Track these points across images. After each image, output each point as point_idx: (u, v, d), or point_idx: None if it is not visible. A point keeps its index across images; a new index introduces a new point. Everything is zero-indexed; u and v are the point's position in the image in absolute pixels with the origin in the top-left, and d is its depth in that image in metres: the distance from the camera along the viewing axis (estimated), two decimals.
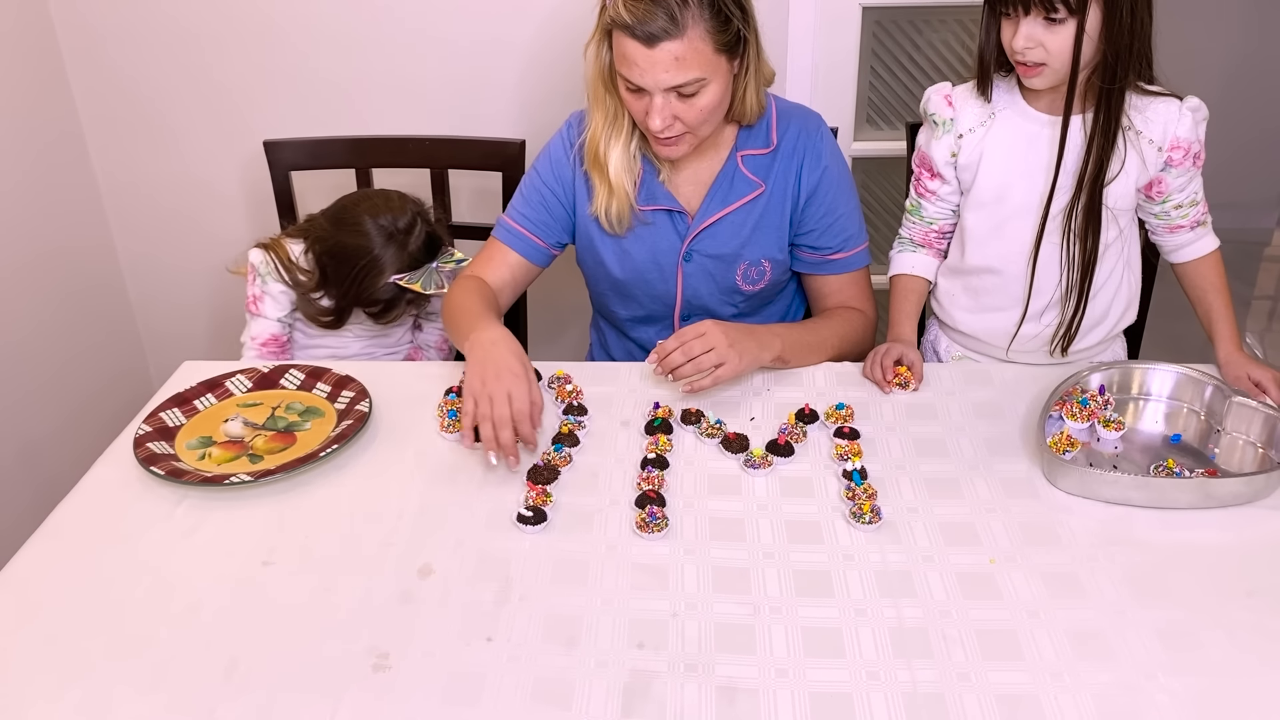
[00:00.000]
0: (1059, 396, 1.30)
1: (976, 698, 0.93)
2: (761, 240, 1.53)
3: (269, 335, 1.68)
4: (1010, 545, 1.12)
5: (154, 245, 2.22)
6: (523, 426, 1.25)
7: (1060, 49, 1.30)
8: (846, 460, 1.24)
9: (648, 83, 1.35)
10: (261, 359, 1.64)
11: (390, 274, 1.60)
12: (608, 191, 1.49)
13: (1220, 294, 1.46)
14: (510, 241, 1.58)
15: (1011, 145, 1.43)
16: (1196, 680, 0.94)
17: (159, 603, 1.08)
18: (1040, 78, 1.34)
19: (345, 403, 1.38)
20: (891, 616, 1.03)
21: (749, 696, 0.94)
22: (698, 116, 1.39)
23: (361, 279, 1.61)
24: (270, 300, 1.67)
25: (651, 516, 1.14)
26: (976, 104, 1.44)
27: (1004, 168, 1.43)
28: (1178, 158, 1.38)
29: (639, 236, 1.54)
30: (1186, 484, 1.17)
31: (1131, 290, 1.51)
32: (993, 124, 1.43)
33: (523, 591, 1.07)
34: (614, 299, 1.63)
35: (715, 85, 1.38)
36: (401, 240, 1.61)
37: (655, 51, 1.32)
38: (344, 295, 1.64)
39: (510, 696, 0.95)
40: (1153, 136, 1.37)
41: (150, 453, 1.27)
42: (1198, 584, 1.06)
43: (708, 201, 1.52)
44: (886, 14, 2.02)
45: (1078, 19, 1.28)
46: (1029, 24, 1.30)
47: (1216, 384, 1.28)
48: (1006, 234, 1.45)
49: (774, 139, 1.51)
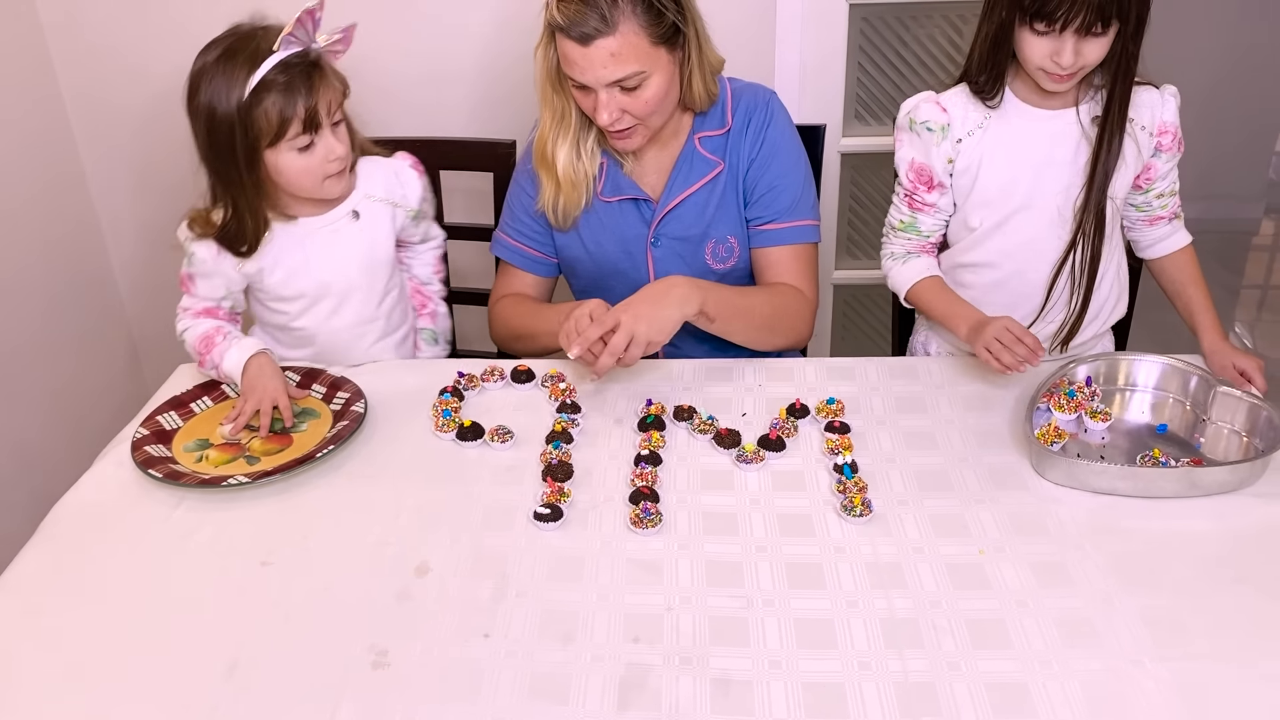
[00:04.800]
0: (1046, 388, 1.32)
1: (967, 686, 0.95)
2: (725, 218, 1.55)
3: (201, 307, 1.50)
4: (999, 536, 1.14)
5: (146, 248, 2.22)
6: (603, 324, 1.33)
7: (1098, 56, 1.32)
8: (837, 454, 1.26)
9: (589, 80, 1.39)
10: (196, 319, 1.49)
11: (246, 80, 1.36)
12: (554, 188, 1.52)
13: (1199, 286, 1.48)
14: (513, 260, 1.64)
15: (1011, 143, 1.43)
16: (1183, 666, 0.96)
17: (159, 604, 1.09)
18: (1065, 84, 1.35)
19: (340, 404, 1.40)
20: (883, 607, 1.04)
21: (743, 688, 0.96)
22: (645, 108, 1.42)
23: (235, 121, 1.36)
24: (204, 281, 1.48)
25: (646, 512, 1.16)
26: (972, 106, 1.45)
27: (1007, 165, 1.44)
28: (1166, 142, 1.42)
29: (607, 228, 1.57)
30: (1172, 473, 1.19)
31: (1123, 283, 1.53)
32: (990, 124, 1.44)
33: (519, 588, 1.09)
34: (592, 291, 1.63)
35: (658, 77, 1.40)
36: (231, 53, 1.38)
37: (591, 50, 1.36)
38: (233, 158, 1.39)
39: (508, 691, 0.97)
40: (1144, 123, 1.41)
41: (148, 455, 1.28)
42: (1184, 572, 1.08)
43: (670, 185, 1.55)
44: (874, 10, 2.03)
45: (1119, 26, 1.29)
46: (1069, 39, 1.30)
47: (1201, 374, 1.30)
48: (1008, 231, 1.46)
49: (729, 119, 1.54)
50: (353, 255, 1.53)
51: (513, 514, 1.20)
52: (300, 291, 1.52)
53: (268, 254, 1.48)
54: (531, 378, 1.45)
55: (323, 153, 1.42)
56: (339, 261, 1.52)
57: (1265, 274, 3.60)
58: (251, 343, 1.42)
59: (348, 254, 1.53)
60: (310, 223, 1.50)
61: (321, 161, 1.43)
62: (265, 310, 1.56)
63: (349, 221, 1.52)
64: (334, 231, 1.51)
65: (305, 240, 1.50)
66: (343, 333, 1.56)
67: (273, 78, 1.36)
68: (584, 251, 1.59)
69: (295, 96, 1.37)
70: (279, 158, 1.41)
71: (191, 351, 1.47)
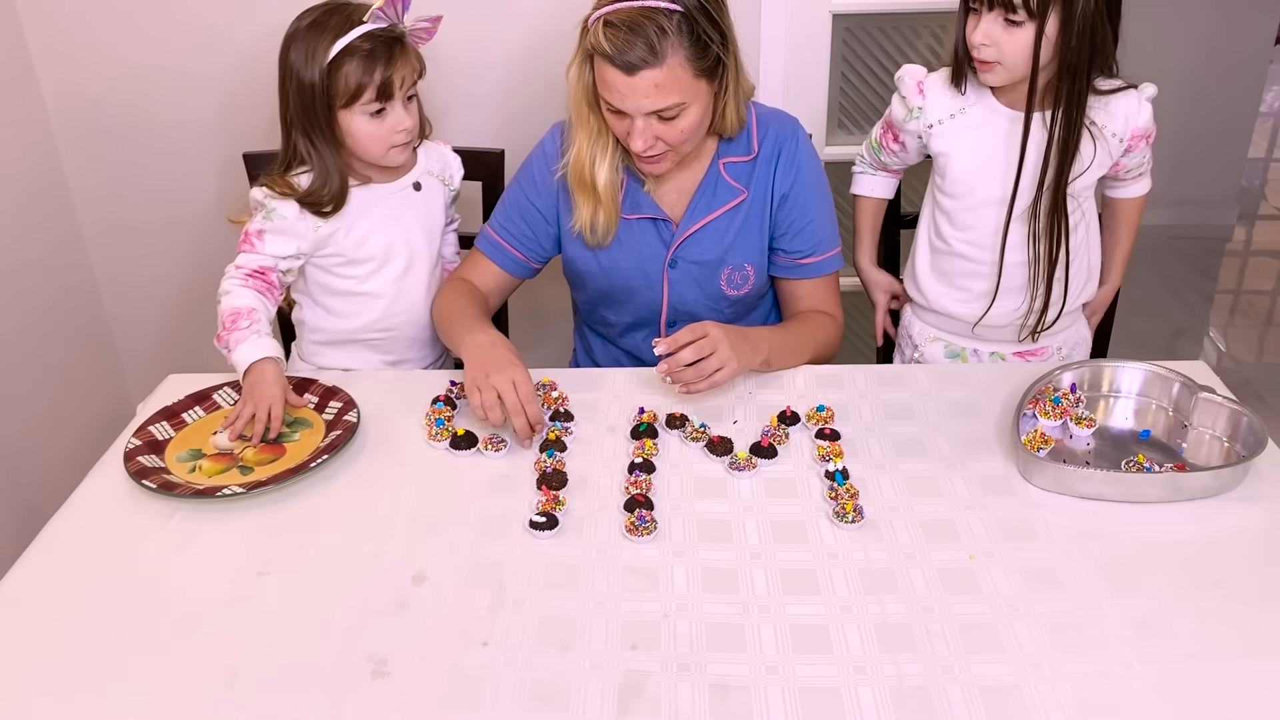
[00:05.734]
0: (1032, 395, 1.34)
1: (960, 689, 0.96)
2: (744, 245, 1.56)
3: (257, 266, 1.53)
4: (989, 541, 1.15)
5: (130, 259, 2.21)
6: (531, 407, 1.32)
7: (1015, 50, 1.36)
8: (828, 461, 1.27)
9: (628, 107, 1.38)
10: (244, 284, 1.51)
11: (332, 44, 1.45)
12: (593, 206, 1.52)
13: (1128, 234, 1.61)
14: (492, 254, 1.62)
15: (979, 140, 1.48)
16: (1170, 667, 0.98)
17: (156, 616, 1.09)
18: (993, 74, 1.40)
19: (333, 414, 1.40)
20: (876, 612, 1.06)
21: (741, 694, 0.97)
22: (679, 137, 1.42)
23: (321, 78, 1.46)
24: (277, 238, 1.53)
25: (641, 520, 1.17)
26: (947, 95, 1.50)
27: (973, 161, 1.48)
28: (1136, 144, 1.47)
29: (624, 245, 1.56)
30: (1156, 479, 1.21)
31: (1092, 266, 1.58)
32: (962, 118, 1.48)
33: (516, 596, 1.10)
34: (601, 307, 1.65)
35: (696, 108, 1.41)
36: (323, 21, 1.48)
37: (635, 79, 1.35)
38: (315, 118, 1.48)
39: (508, 699, 0.97)
40: (1115, 130, 1.45)
41: (141, 466, 1.28)
42: (1169, 574, 1.10)
43: (691, 209, 1.54)
44: (856, 21, 2.05)
45: (1037, 23, 1.33)
46: (989, 21, 1.36)
47: (1183, 381, 1.32)
48: (974, 223, 1.52)
49: (755, 146, 1.54)
50: (417, 222, 1.63)
51: (508, 523, 1.20)
52: (371, 254, 1.59)
53: (342, 217, 1.56)
54: None
55: (392, 122, 1.51)
56: (406, 226, 1.61)
57: (1238, 280, 3.65)
58: (267, 345, 1.44)
59: (413, 220, 1.62)
60: (381, 189, 1.60)
61: (390, 130, 1.52)
62: (330, 278, 1.61)
63: (412, 191, 1.63)
64: (402, 199, 1.61)
65: (377, 205, 1.59)
66: (408, 295, 1.63)
67: (357, 45, 1.46)
68: (597, 266, 1.58)
69: (375, 65, 1.47)
70: (352, 119, 1.50)
71: (219, 317, 1.50)
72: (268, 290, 1.53)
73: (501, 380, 1.32)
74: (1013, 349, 1.61)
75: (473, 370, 1.35)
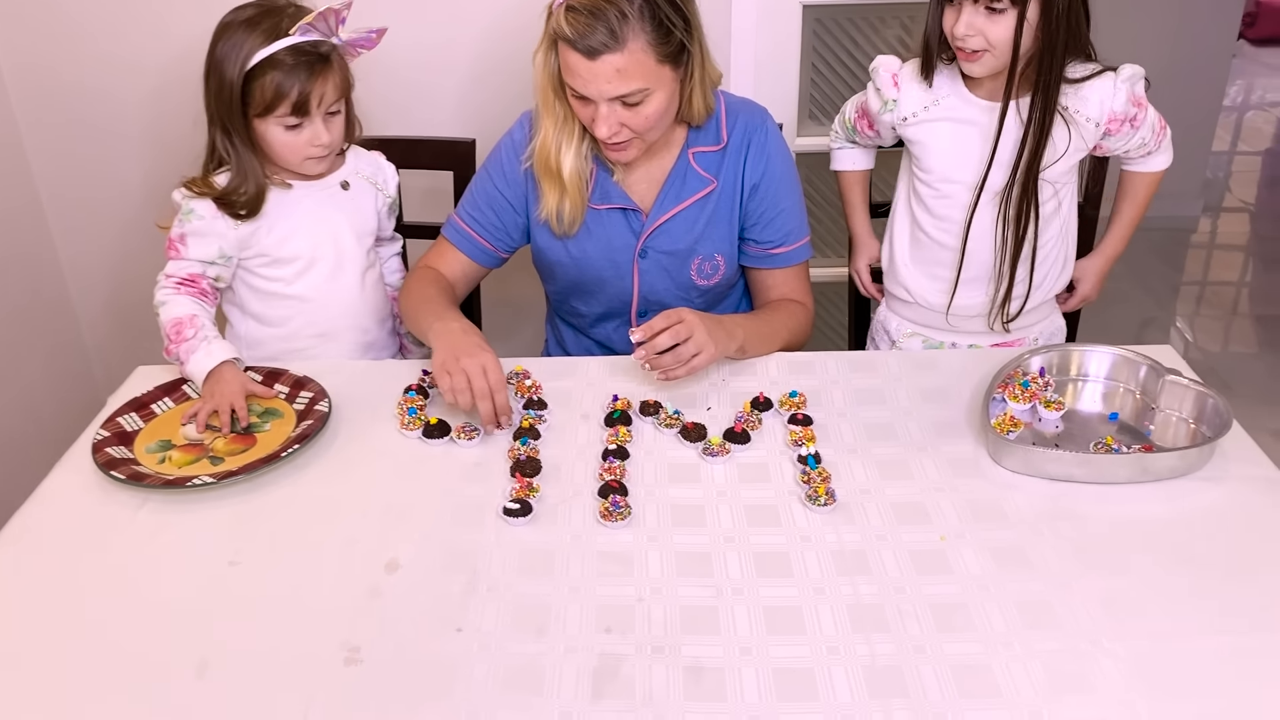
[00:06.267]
0: (1001, 379, 1.35)
1: (933, 668, 0.97)
2: (714, 235, 1.56)
3: (186, 274, 1.49)
4: (959, 522, 1.16)
5: (98, 251, 2.19)
6: (500, 395, 1.31)
7: (1000, 38, 1.36)
8: (801, 446, 1.28)
9: (591, 93, 1.38)
10: (176, 293, 1.47)
11: (255, 51, 1.42)
12: (559, 194, 1.51)
13: (1133, 204, 1.60)
14: (458, 243, 1.61)
15: (954, 132, 1.49)
16: (1138, 644, 0.99)
17: (127, 606, 1.08)
18: (979, 64, 1.40)
19: (304, 403, 1.39)
20: (849, 594, 1.07)
21: (715, 675, 0.97)
22: (644, 124, 1.41)
23: (239, 82, 1.43)
24: (197, 240, 1.48)
25: (615, 505, 1.17)
26: (920, 88, 1.50)
27: (948, 152, 1.49)
28: (1115, 128, 1.47)
29: (594, 235, 1.56)
30: (1125, 459, 1.22)
31: (1067, 255, 1.59)
32: (936, 110, 1.49)
33: (490, 583, 1.09)
34: (571, 297, 1.65)
35: (660, 94, 1.40)
36: (255, 21, 1.44)
37: (596, 64, 1.35)
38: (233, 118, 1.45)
39: (482, 685, 0.97)
40: (1089, 114, 1.44)
41: (110, 457, 1.27)
42: (1137, 554, 1.11)
43: (661, 199, 1.54)
44: (826, 12, 2.06)
45: (1019, 9, 1.33)
46: (971, 12, 1.36)
47: (1150, 364, 1.34)
48: (948, 212, 1.53)
49: (724, 136, 1.54)
50: (345, 221, 1.59)
51: (482, 510, 1.20)
52: (296, 253, 1.55)
53: (264, 214, 1.52)
54: None
55: (308, 136, 1.49)
56: (334, 225, 1.57)
57: (1203, 270, 3.70)
58: (220, 349, 1.41)
59: (341, 219, 1.58)
60: (304, 188, 1.56)
61: (306, 144, 1.49)
62: (259, 280, 1.56)
63: (339, 191, 1.59)
64: (328, 197, 1.57)
65: (300, 204, 1.55)
66: (340, 299, 1.59)
67: (281, 58, 1.43)
68: (566, 256, 1.58)
69: (294, 80, 1.44)
70: (266, 128, 1.47)
71: (162, 331, 1.46)
72: (201, 296, 1.49)
73: (471, 365, 1.31)
74: (989, 340, 1.62)
75: (442, 354, 1.34)
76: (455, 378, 1.31)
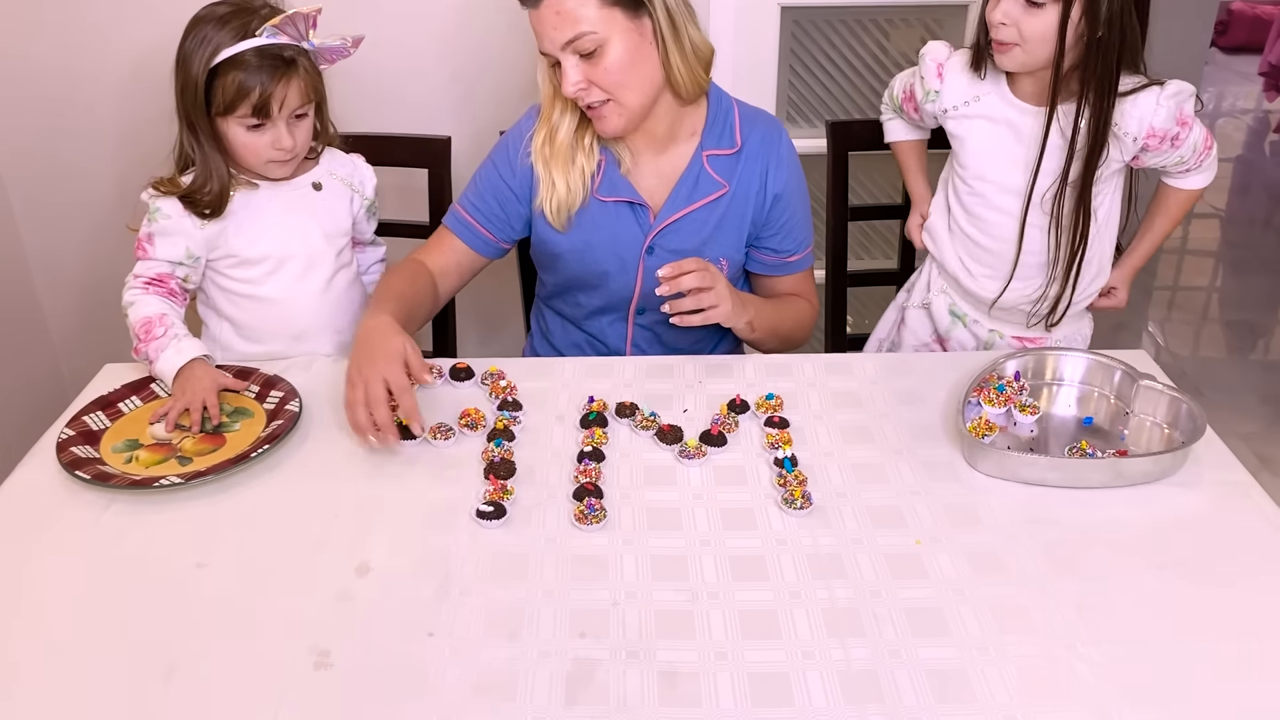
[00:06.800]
0: (977, 383, 1.35)
1: (908, 672, 0.97)
2: (722, 239, 1.56)
3: (154, 274, 1.47)
4: (935, 526, 1.16)
5: (66, 250, 2.16)
6: (404, 398, 1.26)
7: (1035, 34, 1.33)
8: (777, 449, 1.27)
9: (547, 46, 1.39)
10: (145, 293, 1.45)
11: (221, 48, 1.40)
12: (551, 186, 1.52)
13: (1165, 219, 1.55)
14: (459, 231, 1.59)
15: (994, 132, 1.47)
16: (1113, 649, 1.00)
17: (92, 609, 1.06)
18: (1009, 58, 1.37)
19: (275, 403, 1.37)
20: (824, 598, 1.06)
21: (690, 680, 0.96)
22: (609, 78, 1.39)
23: (203, 78, 1.40)
24: (164, 240, 1.47)
25: (590, 508, 1.16)
26: (965, 79, 1.48)
27: (987, 151, 1.47)
28: (1153, 144, 1.42)
29: (599, 228, 1.55)
30: (1099, 464, 1.23)
31: (1105, 260, 1.57)
32: (977, 105, 1.46)
33: (463, 586, 1.08)
34: (571, 290, 1.63)
35: (618, 43, 1.38)
36: (226, 19, 1.42)
37: (540, 11, 1.36)
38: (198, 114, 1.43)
39: (454, 689, 0.96)
40: (1128, 129, 1.40)
41: (75, 457, 1.25)
42: (1111, 558, 1.11)
43: (672, 198, 1.54)
44: (805, 14, 2.06)
45: (1061, 6, 1.30)
46: (1010, 1, 1.32)
47: (1125, 369, 1.34)
48: (986, 211, 1.51)
49: (738, 140, 1.54)
50: (315, 222, 1.56)
51: (455, 512, 1.19)
52: (264, 254, 1.52)
53: (231, 214, 1.50)
54: (471, 375, 1.44)
55: (269, 139, 1.46)
56: (303, 225, 1.55)
57: (1175, 276, 3.73)
58: (191, 347, 1.39)
59: (311, 219, 1.55)
60: (273, 188, 1.53)
61: (267, 147, 1.46)
62: (229, 281, 1.53)
63: (310, 191, 1.56)
64: (299, 197, 1.55)
65: (269, 204, 1.52)
66: (309, 300, 1.56)
67: (246, 58, 1.40)
68: (570, 247, 1.56)
69: (255, 81, 1.41)
70: (229, 127, 1.45)
71: (131, 330, 1.44)
72: (170, 296, 1.47)
73: (372, 374, 1.26)
74: (1014, 331, 1.60)
75: (356, 359, 1.30)
76: (353, 390, 1.27)
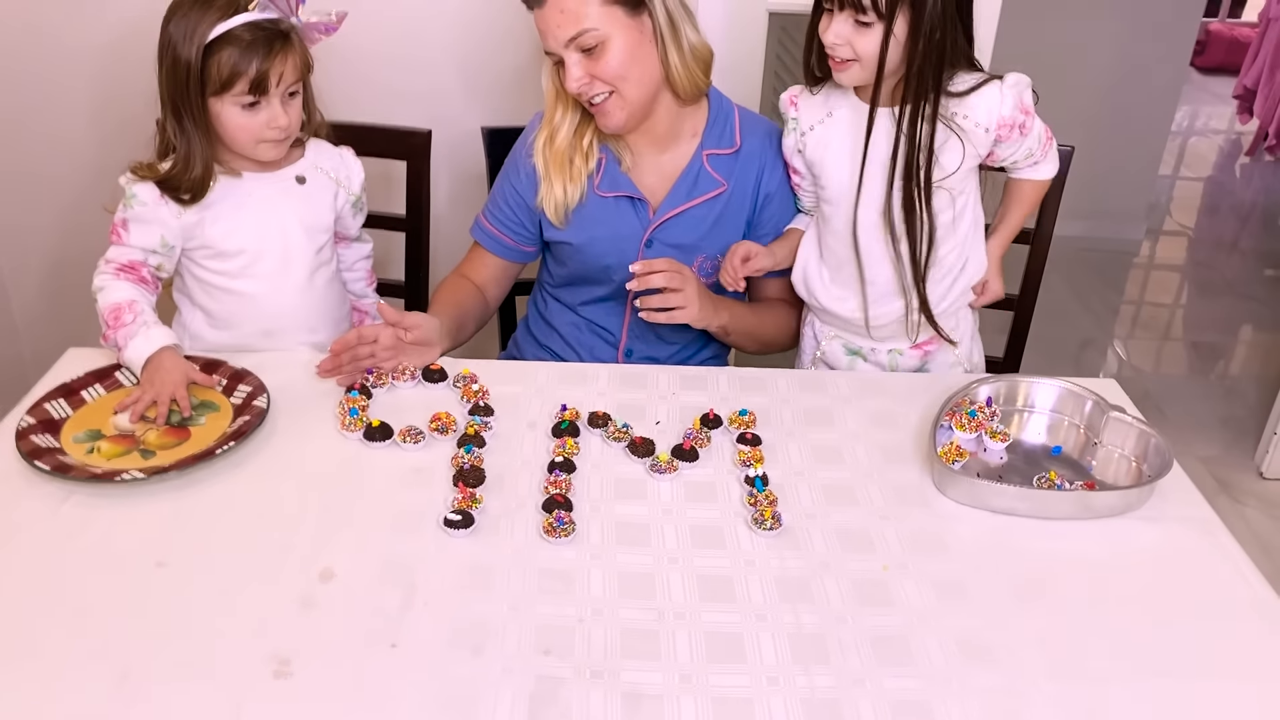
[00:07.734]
0: (949, 407, 1.35)
1: (871, 703, 0.97)
2: (719, 237, 1.58)
3: (126, 260, 1.45)
4: (902, 552, 1.16)
5: (33, 223, 2.11)
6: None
7: (867, 50, 1.36)
8: (749, 466, 1.27)
9: (551, 45, 1.42)
10: (116, 279, 1.43)
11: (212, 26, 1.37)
12: (550, 185, 1.55)
13: (1020, 208, 1.59)
14: (486, 243, 1.66)
15: (846, 138, 1.48)
16: (1075, 685, 1.00)
17: (44, 607, 1.04)
18: (848, 74, 1.40)
19: (242, 397, 1.35)
20: (790, 622, 1.06)
21: (654, 703, 0.96)
22: (610, 73, 1.43)
23: (197, 59, 1.37)
24: (139, 227, 1.44)
25: (559, 521, 1.15)
26: (815, 101, 1.51)
27: (847, 160, 1.48)
28: (1005, 134, 1.44)
29: (600, 222, 1.58)
30: (1067, 496, 1.23)
31: (977, 251, 1.57)
32: (831, 121, 1.49)
33: (427, 596, 1.07)
34: (578, 283, 1.66)
35: (619, 40, 1.42)
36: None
37: (545, 10, 1.40)
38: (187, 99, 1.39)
39: (415, 704, 0.95)
40: (979, 120, 1.42)
41: (34, 446, 1.22)
42: (1077, 592, 1.12)
43: (672, 194, 1.57)
44: (793, 20, 2.05)
45: (885, 25, 1.33)
46: (840, 22, 1.36)
47: (1095, 399, 1.35)
48: (841, 225, 1.51)
49: (737, 140, 1.57)
50: (294, 216, 1.52)
51: (422, 519, 1.18)
52: (240, 247, 1.49)
53: (210, 205, 1.46)
54: (444, 377, 1.42)
55: (265, 117, 1.43)
56: (283, 220, 1.51)
57: (1141, 292, 3.77)
58: (160, 335, 1.37)
59: (290, 214, 1.52)
60: (255, 179, 1.50)
61: (262, 125, 1.44)
62: (204, 272, 1.51)
63: (294, 185, 1.53)
64: (281, 191, 1.52)
65: (249, 196, 1.49)
66: (286, 297, 1.53)
67: (238, 33, 1.38)
68: (574, 242, 1.59)
69: (252, 57, 1.39)
70: (222, 108, 1.42)
71: (100, 316, 1.41)
72: (142, 284, 1.45)
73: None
74: (907, 343, 1.60)
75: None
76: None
